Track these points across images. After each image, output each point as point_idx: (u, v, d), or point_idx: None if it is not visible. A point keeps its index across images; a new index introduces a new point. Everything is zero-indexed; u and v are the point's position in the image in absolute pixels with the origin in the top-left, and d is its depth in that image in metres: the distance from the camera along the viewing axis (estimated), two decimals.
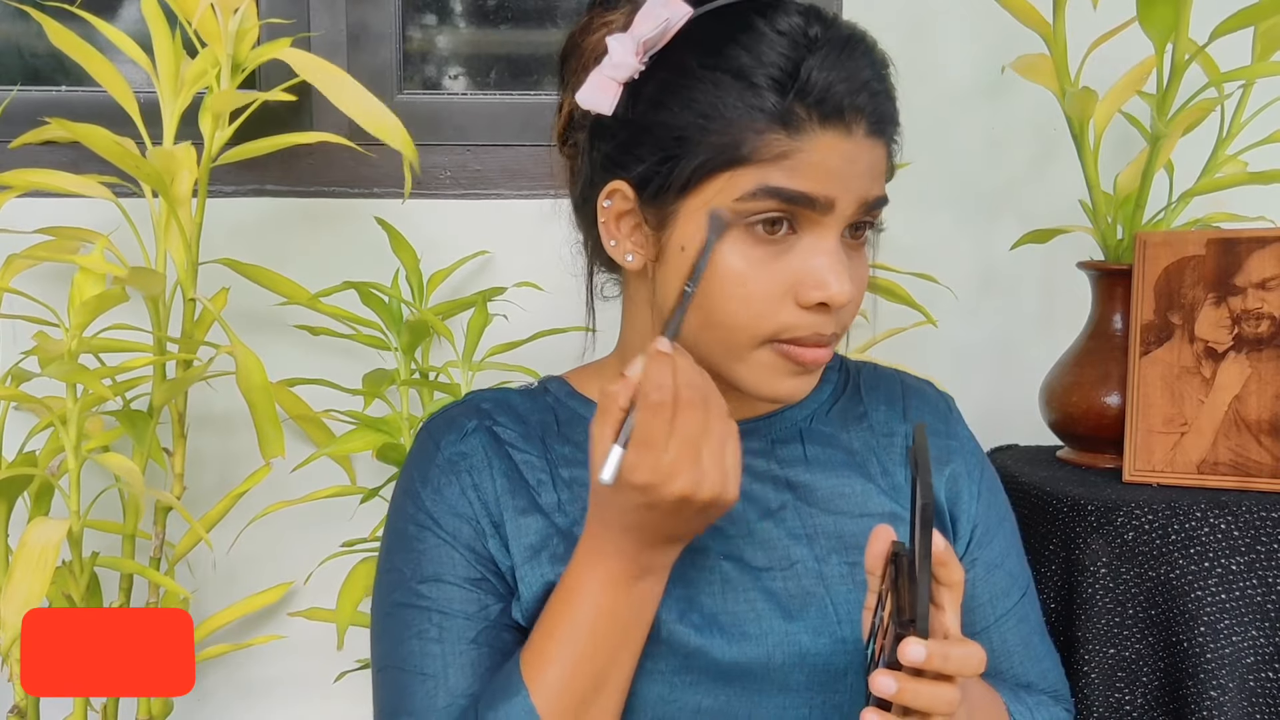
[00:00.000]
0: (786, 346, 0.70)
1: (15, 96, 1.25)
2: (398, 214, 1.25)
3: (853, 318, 0.74)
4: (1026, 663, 0.84)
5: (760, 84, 0.68)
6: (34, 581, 0.94)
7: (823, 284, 0.69)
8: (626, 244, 0.74)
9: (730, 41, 0.69)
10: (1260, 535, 0.99)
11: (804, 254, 0.69)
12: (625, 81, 0.73)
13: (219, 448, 1.30)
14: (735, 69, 0.68)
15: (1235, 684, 0.97)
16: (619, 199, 0.74)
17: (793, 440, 0.80)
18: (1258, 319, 1.07)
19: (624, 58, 0.72)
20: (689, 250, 0.70)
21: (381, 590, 0.78)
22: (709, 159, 0.69)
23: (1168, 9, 1.07)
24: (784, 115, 0.67)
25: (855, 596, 0.75)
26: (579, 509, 0.76)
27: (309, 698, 1.34)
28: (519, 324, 1.28)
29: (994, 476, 0.86)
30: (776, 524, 0.77)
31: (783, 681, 0.73)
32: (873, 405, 0.84)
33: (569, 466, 0.78)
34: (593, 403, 0.80)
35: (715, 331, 0.71)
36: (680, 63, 0.71)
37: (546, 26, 1.46)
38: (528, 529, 0.76)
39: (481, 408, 0.81)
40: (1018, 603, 0.83)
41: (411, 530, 0.77)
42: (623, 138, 0.73)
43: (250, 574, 1.30)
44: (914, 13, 1.36)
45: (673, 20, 0.71)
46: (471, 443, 0.78)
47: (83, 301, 1.05)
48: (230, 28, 1.11)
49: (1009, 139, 1.39)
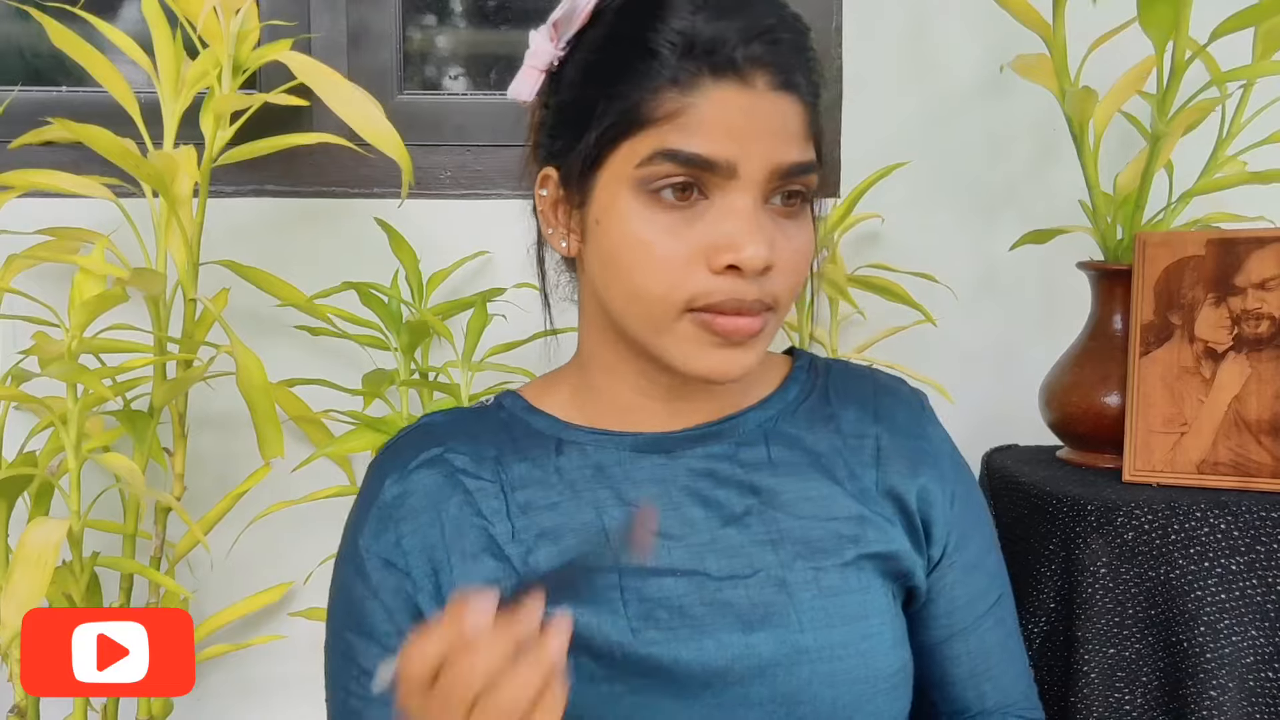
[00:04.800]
0: (705, 316, 0.68)
1: (16, 96, 1.25)
2: (397, 214, 1.26)
3: (789, 291, 0.71)
4: (1003, 663, 0.82)
5: (656, 47, 0.67)
6: (34, 581, 0.94)
7: (733, 246, 0.66)
8: (561, 231, 0.74)
9: (635, 13, 0.70)
10: (1260, 535, 0.99)
11: (715, 218, 0.67)
12: (546, 69, 0.74)
13: (219, 448, 1.30)
14: (636, 37, 0.68)
15: (1235, 684, 0.97)
16: (551, 186, 0.74)
17: (757, 442, 0.78)
18: (1258, 319, 1.07)
19: (541, 44, 0.74)
20: (603, 224, 0.70)
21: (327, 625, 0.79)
22: (610, 125, 0.68)
23: (1168, 9, 1.07)
24: (676, 72, 0.67)
25: (820, 603, 0.73)
26: (533, 535, 0.74)
27: (309, 698, 1.32)
28: (518, 324, 1.28)
29: (968, 477, 0.84)
30: (740, 530, 0.75)
31: (743, 695, 0.71)
32: (841, 407, 0.80)
33: (524, 488, 0.75)
34: (550, 417, 0.79)
35: (635, 305, 0.70)
36: (591, 42, 0.72)
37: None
38: (474, 573, 0.73)
39: (434, 433, 0.78)
40: (995, 604, 0.82)
41: (347, 572, 0.77)
42: (549, 125, 0.75)
43: (250, 574, 1.30)
44: (914, 13, 1.36)
45: (580, 1, 0.72)
46: (416, 480, 0.76)
47: (83, 301, 1.05)
48: (232, 29, 1.11)
49: (1009, 139, 1.39)
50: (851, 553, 0.75)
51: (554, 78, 0.75)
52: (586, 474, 0.76)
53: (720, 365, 0.70)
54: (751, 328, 0.69)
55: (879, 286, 1.27)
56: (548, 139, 0.75)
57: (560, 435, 0.78)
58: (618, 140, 0.69)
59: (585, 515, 0.74)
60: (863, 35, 1.36)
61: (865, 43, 1.36)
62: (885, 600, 0.76)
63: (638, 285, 0.69)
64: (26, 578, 0.94)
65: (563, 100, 0.73)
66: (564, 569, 0.64)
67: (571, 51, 0.73)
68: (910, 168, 1.31)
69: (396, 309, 1.22)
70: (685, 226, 0.68)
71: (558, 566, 0.69)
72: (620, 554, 0.69)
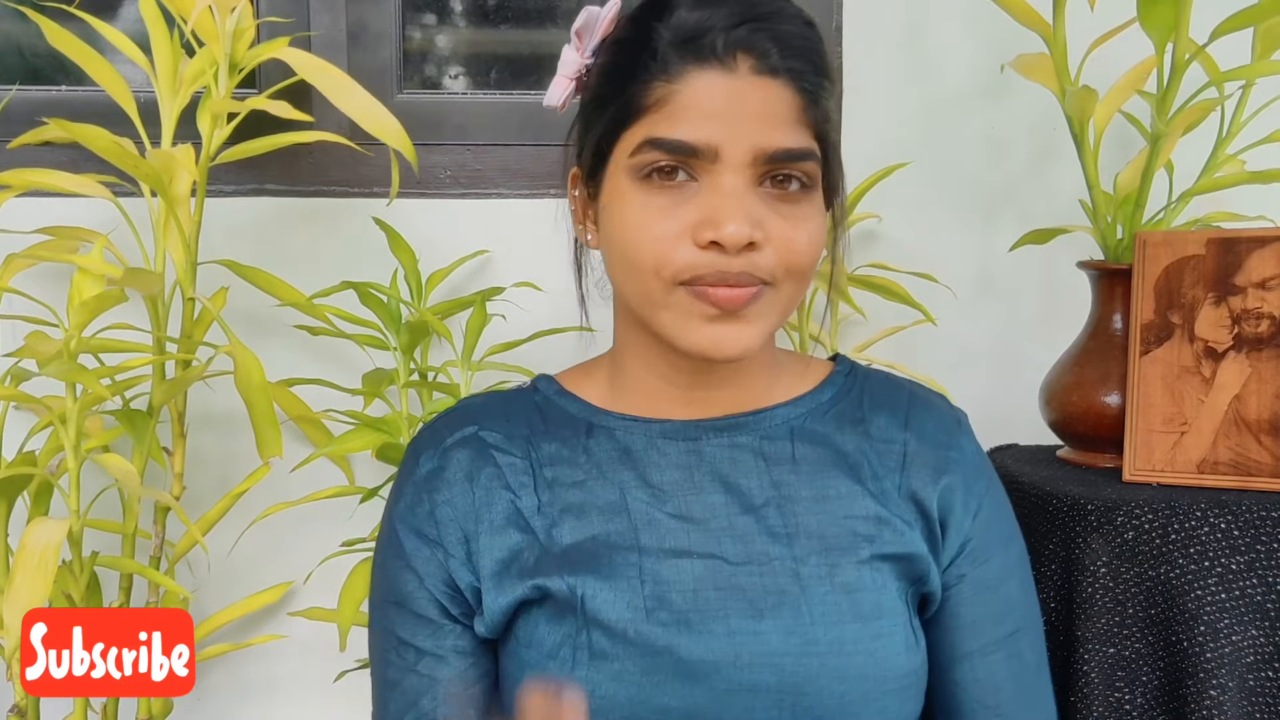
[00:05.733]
0: (695, 288, 0.71)
1: (14, 96, 1.24)
2: (396, 214, 1.25)
3: (787, 272, 0.72)
4: (1018, 703, 0.80)
5: (655, 43, 0.71)
6: (36, 583, 0.94)
7: (714, 222, 0.69)
8: (590, 226, 0.79)
9: (643, 15, 0.74)
10: (1260, 535, 0.99)
11: (703, 198, 0.71)
12: (574, 77, 0.79)
13: (218, 448, 1.30)
14: (640, 37, 0.72)
15: (1235, 683, 0.97)
16: (579, 185, 0.79)
17: (782, 438, 0.79)
18: (1258, 319, 1.07)
19: (569, 55, 0.79)
20: (608, 209, 0.74)
21: (369, 602, 0.82)
22: (611, 122, 0.73)
23: (1168, 9, 1.07)
24: (663, 60, 0.70)
25: (832, 599, 0.73)
26: (557, 510, 0.77)
27: (309, 698, 1.34)
28: (518, 324, 1.28)
29: (1003, 499, 0.83)
30: (757, 520, 0.76)
31: (751, 682, 0.72)
32: (873, 413, 0.81)
33: (552, 466, 0.79)
34: (582, 401, 0.82)
35: (633, 281, 0.73)
36: (608, 47, 0.77)
37: (546, 26, 1.45)
38: (500, 545, 0.76)
39: (470, 414, 0.82)
40: (1011, 635, 0.80)
41: (383, 547, 0.80)
42: (577, 128, 0.79)
43: (250, 574, 1.30)
44: (914, 13, 1.36)
45: (597, 11, 0.76)
46: (450, 456, 0.79)
47: (82, 301, 1.05)
48: (227, 27, 1.11)
49: (1009, 139, 1.39)
50: (867, 551, 0.76)
51: (583, 86, 0.80)
52: (614, 456, 0.78)
53: (715, 339, 0.72)
54: (740, 297, 0.71)
55: (879, 286, 1.27)
56: (576, 141, 0.80)
57: (591, 419, 0.80)
58: (617, 132, 0.73)
59: (610, 495, 0.77)
60: (863, 35, 1.36)
61: (865, 43, 1.36)
62: (899, 602, 0.76)
63: (633, 261, 0.72)
64: (28, 580, 0.94)
65: (584, 103, 0.79)
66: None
67: (595, 58, 0.78)
68: (910, 168, 1.31)
69: (396, 309, 1.22)
70: (676, 207, 0.71)
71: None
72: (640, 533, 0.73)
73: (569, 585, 0.73)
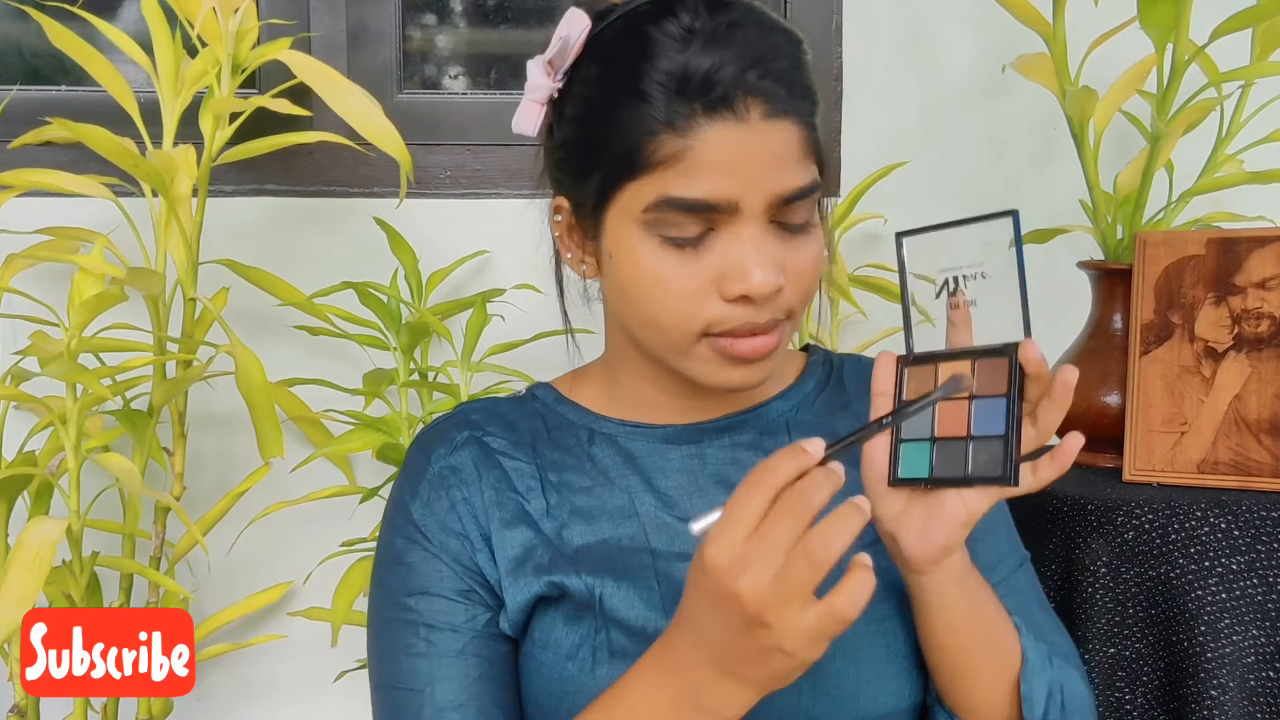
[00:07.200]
0: (720, 340, 0.70)
1: (15, 96, 1.25)
2: (397, 214, 1.25)
3: (802, 301, 0.72)
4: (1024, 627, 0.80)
5: (649, 91, 0.68)
6: (29, 580, 0.93)
7: (742, 276, 0.68)
8: (579, 254, 0.77)
9: (624, 53, 0.70)
10: (1260, 535, 0.99)
11: (723, 248, 0.69)
12: (545, 102, 0.76)
13: (219, 448, 1.30)
14: (627, 81, 0.69)
15: (1235, 683, 0.97)
16: (564, 214, 0.76)
17: (779, 432, 0.80)
18: (1258, 318, 1.07)
19: (538, 79, 0.75)
20: (616, 257, 0.72)
21: (372, 606, 0.79)
22: (611, 171, 0.70)
23: (1168, 9, 1.07)
24: (670, 114, 0.67)
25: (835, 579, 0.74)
26: (567, 512, 0.77)
27: (309, 698, 1.34)
28: (517, 325, 1.28)
29: None
30: None
31: None
32: (856, 393, 0.83)
33: (558, 471, 0.78)
34: (581, 408, 0.81)
35: (652, 332, 0.72)
36: (587, 78, 0.73)
37: (546, 26, 1.45)
38: (513, 542, 0.76)
39: (471, 418, 0.81)
40: (1007, 577, 0.81)
41: (400, 544, 0.78)
42: (556, 157, 0.77)
43: (250, 574, 1.30)
44: (914, 13, 1.36)
45: (571, 36, 0.72)
46: (461, 455, 0.79)
47: (82, 301, 1.05)
48: (230, 28, 1.11)
49: (1009, 139, 1.39)
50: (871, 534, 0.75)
51: (557, 109, 0.76)
52: (618, 462, 0.78)
53: (743, 379, 0.72)
54: (768, 345, 0.71)
55: (879, 286, 1.27)
56: (557, 171, 0.77)
57: (592, 426, 0.80)
58: (622, 182, 0.70)
59: (618, 500, 0.77)
60: (863, 35, 1.36)
61: (865, 43, 1.36)
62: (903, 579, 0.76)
63: (653, 316, 0.71)
64: (21, 576, 0.94)
65: (567, 136, 0.75)
66: None
67: (570, 84, 0.74)
68: (910, 168, 1.31)
69: (396, 309, 1.22)
70: (695, 259, 0.69)
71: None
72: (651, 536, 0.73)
73: (586, 585, 0.73)
